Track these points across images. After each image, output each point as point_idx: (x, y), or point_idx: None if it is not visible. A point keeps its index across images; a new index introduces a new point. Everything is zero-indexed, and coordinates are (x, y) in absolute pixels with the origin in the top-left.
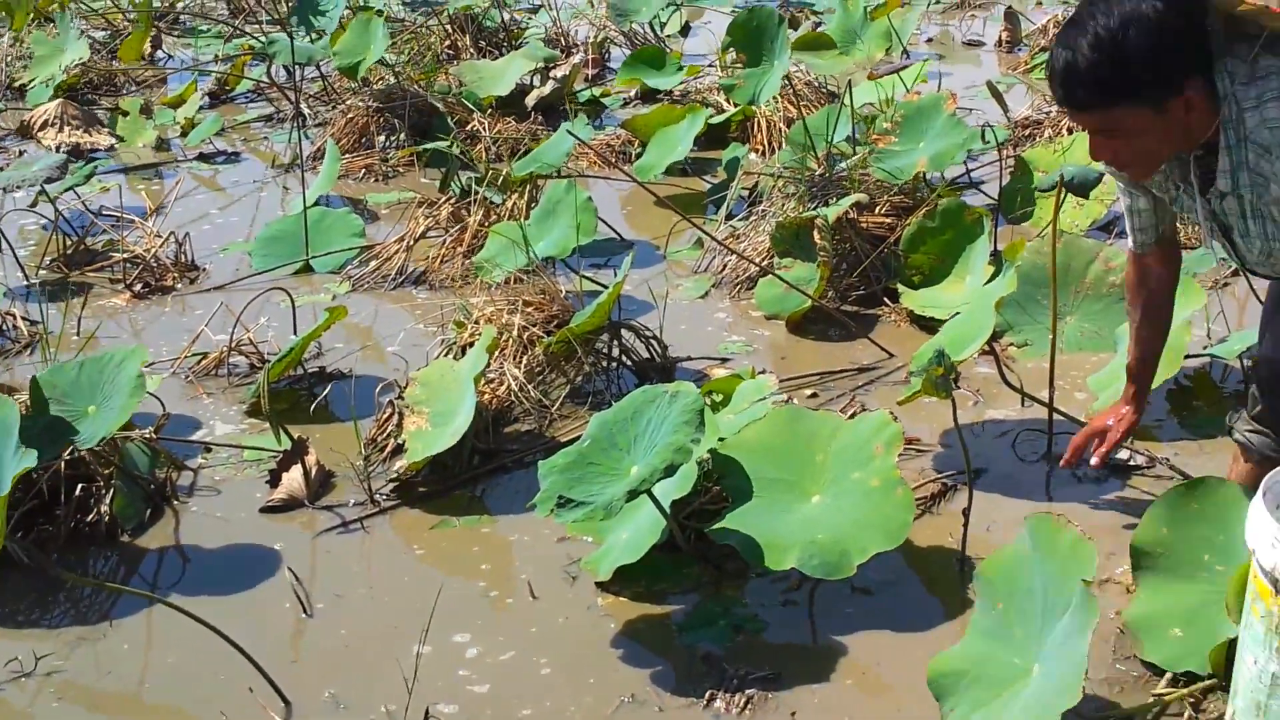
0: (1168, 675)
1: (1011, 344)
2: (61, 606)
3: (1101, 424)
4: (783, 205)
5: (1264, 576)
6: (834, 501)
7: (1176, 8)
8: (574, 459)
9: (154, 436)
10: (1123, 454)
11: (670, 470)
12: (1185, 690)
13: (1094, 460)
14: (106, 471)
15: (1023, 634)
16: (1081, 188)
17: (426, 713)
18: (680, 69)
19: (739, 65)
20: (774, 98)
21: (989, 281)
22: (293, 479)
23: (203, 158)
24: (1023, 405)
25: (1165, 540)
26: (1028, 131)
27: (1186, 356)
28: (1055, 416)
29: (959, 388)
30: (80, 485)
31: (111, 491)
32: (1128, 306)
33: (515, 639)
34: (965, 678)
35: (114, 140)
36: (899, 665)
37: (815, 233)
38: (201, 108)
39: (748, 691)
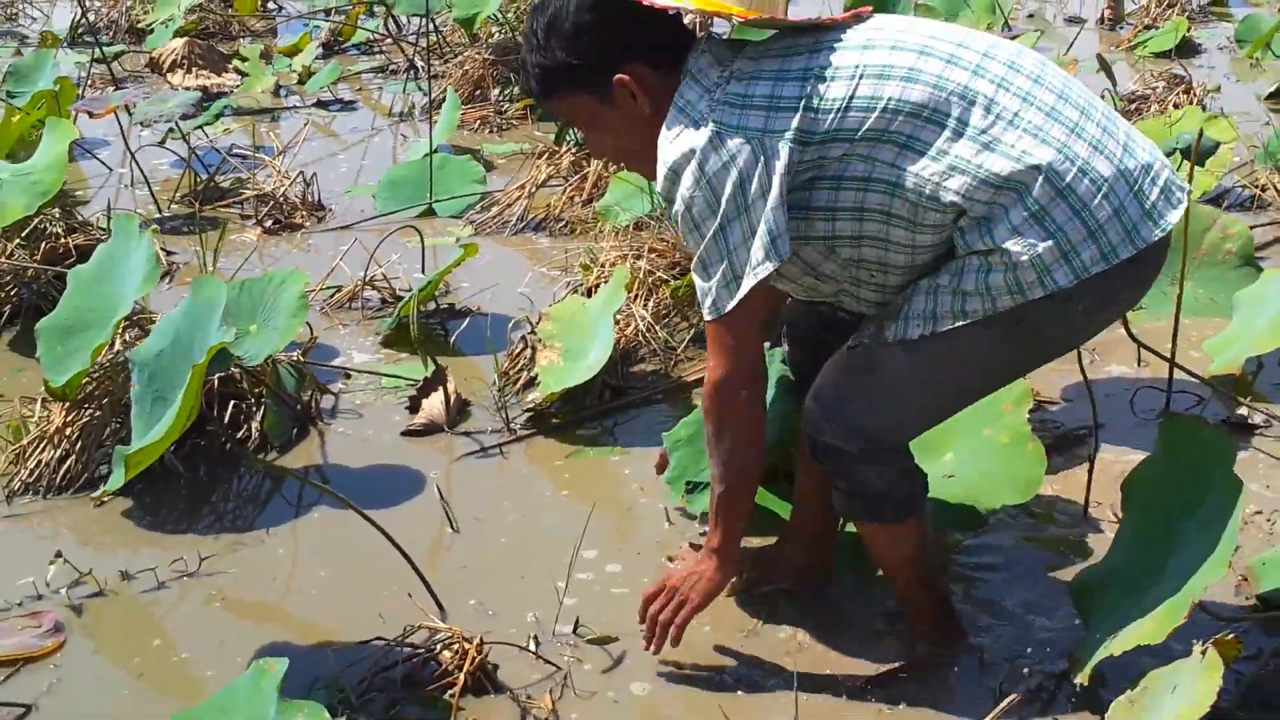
0: None
1: None
2: (210, 518)
3: (674, 583)
4: None
5: None
6: (965, 458)
7: None
8: (697, 429)
9: (303, 359)
10: (1242, 410)
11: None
12: None
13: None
14: (256, 391)
15: (1155, 533)
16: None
17: (577, 621)
18: None
19: None
20: None
21: None
22: (433, 405)
23: (320, 104)
24: (1139, 364)
25: None
26: (1134, 105)
27: None
28: (1175, 374)
29: None
30: (232, 403)
31: (263, 410)
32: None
33: (652, 561)
34: (1101, 588)
35: (239, 79)
36: (1040, 606)
37: None
38: (317, 57)
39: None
